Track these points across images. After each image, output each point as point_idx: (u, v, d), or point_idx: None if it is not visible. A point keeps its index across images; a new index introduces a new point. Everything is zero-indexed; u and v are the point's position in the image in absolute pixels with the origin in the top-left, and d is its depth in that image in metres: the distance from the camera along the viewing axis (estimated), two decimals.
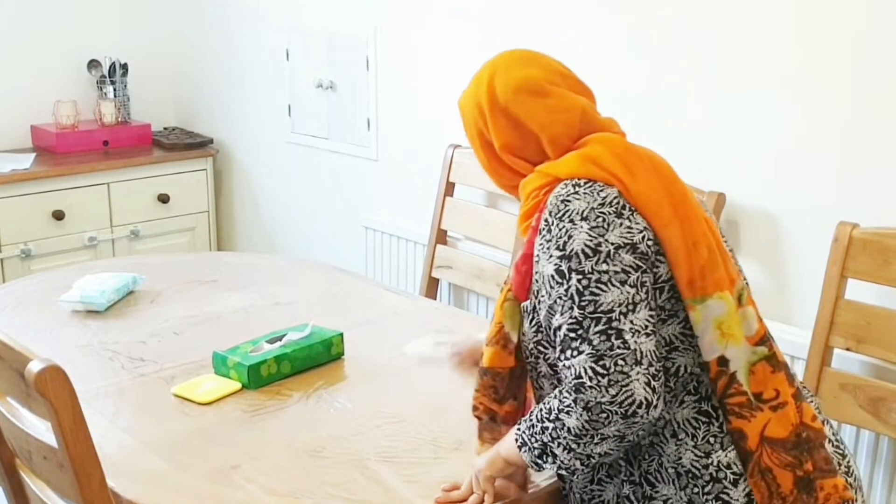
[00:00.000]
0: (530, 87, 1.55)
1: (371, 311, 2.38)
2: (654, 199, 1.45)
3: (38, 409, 1.43)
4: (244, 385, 1.92)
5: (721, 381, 1.45)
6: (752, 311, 1.50)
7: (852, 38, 2.14)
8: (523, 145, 1.56)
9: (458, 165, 2.96)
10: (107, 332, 2.23)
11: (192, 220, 3.95)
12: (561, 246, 1.42)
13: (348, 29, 3.32)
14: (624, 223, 1.42)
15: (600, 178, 1.46)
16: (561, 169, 1.50)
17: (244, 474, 1.62)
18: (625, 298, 1.39)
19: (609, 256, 1.40)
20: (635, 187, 1.45)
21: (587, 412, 1.37)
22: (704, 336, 1.45)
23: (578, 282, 1.40)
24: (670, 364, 1.46)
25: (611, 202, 1.44)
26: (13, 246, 3.50)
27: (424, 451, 1.70)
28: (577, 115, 1.54)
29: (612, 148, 1.50)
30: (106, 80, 3.87)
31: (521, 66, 1.59)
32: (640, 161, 1.49)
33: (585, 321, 1.39)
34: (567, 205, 1.44)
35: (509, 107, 1.55)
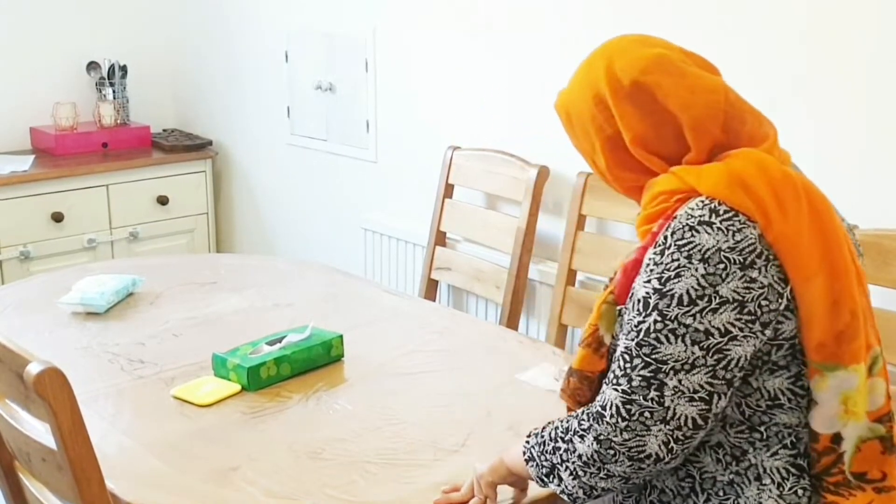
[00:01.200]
0: (662, 65, 1.37)
1: (370, 312, 2.37)
2: (802, 246, 1.28)
3: (38, 410, 1.43)
4: (244, 387, 1.92)
5: (826, 459, 1.33)
6: (882, 383, 1.34)
7: (856, 41, 2.14)
8: (658, 135, 1.37)
9: (457, 167, 2.96)
10: (106, 333, 2.22)
11: (192, 222, 3.94)
12: (663, 280, 1.29)
13: (347, 31, 3.32)
14: (747, 275, 1.26)
15: (744, 208, 1.27)
16: (703, 181, 1.31)
17: (244, 476, 1.62)
18: (686, 357, 1.27)
19: (703, 312, 1.26)
20: (783, 229, 1.27)
21: (597, 443, 1.33)
22: (825, 407, 1.31)
23: (654, 322, 1.29)
24: (768, 419, 1.34)
25: (743, 248, 1.26)
26: (12, 248, 3.50)
27: (424, 454, 1.70)
28: (721, 97, 1.36)
29: (766, 172, 1.31)
30: (105, 82, 3.87)
31: (643, 46, 1.40)
32: (796, 195, 1.30)
33: (636, 359, 1.30)
34: (694, 236, 1.28)
35: (640, 89, 1.36)
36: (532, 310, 2.86)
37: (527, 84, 2.81)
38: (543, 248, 2.83)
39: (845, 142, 2.19)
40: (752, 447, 1.35)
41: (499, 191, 2.86)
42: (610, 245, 2.59)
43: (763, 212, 1.28)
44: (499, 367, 2.06)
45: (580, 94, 1.44)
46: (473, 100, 2.97)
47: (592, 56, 1.46)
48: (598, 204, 2.59)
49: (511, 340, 2.21)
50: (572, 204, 2.65)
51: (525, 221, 2.72)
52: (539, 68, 2.76)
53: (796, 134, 2.27)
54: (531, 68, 2.79)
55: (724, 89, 1.38)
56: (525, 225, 2.72)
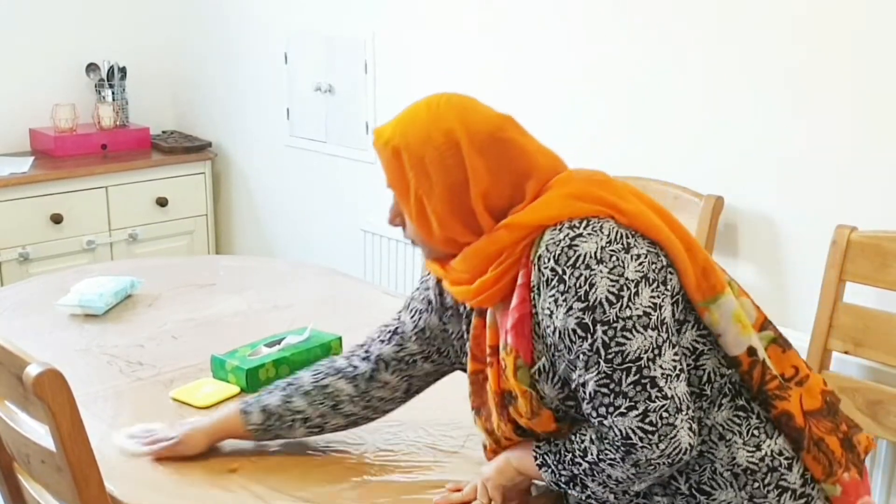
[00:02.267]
0: (515, 127, 1.48)
1: (369, 314, 2.36)
2: (643, 218, 1.42)
3: (37, 412, 1.43)
4: (243, 389, 1.92)
5: (756, 371, 1.44)
6: (746, 300, 1.50)
7: (853, 42, 2.14)
8: (500, 192, 1.44)
9: None
10: (105, 335, 2.22)
11: (191, 224, 3.94)
12: (582, 296, 1.35)
13: (347, 32, 3.32)
14: (633, 255, 1.37)
15: (591, 212, 1.40)
16: (540, 215, 1.41)
17: (243, 478, 1.62)
18: (649, 343, 1.34)
19: (631, 299, 1.35)
20: (627, 209, 1.41)
21: (635, 468, 1.36)
22: (728, 333, 1.43)
23: (604, 333, 1.34)
24: (701, 372, 1.43)
25: (615, 237, 1.38)
26: (11, 249, 3.50)
27: (423, 455, 1.70)
28: (559, 160, 1.50)
29: (585, 180, 1.46)
30: (104, 84, 3.87)
31: (485, 108, 1.50)
32: (615, 187, 1.46)
33: (615, 374, 1.34)
34: (576, 249, 1.36)
35: (495, 146, 1.43)
36: None
37: (525, 86, 2.81)
38: None
39: (843, 144, 2.19)
40: (703, 413, 1.43)
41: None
42: None
43: (608, 206, 1.41)
44: None
45: (423, 133, 1.45)
46: None
47: (430, 104, 1.49)
48: None
49: None
50: None
51: None
52: (537, 70, 2.77)
53: (793, 136, 2.27)
54: (530, 70, 2.79)
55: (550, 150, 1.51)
56: None
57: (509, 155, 1.44)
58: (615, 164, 2.58)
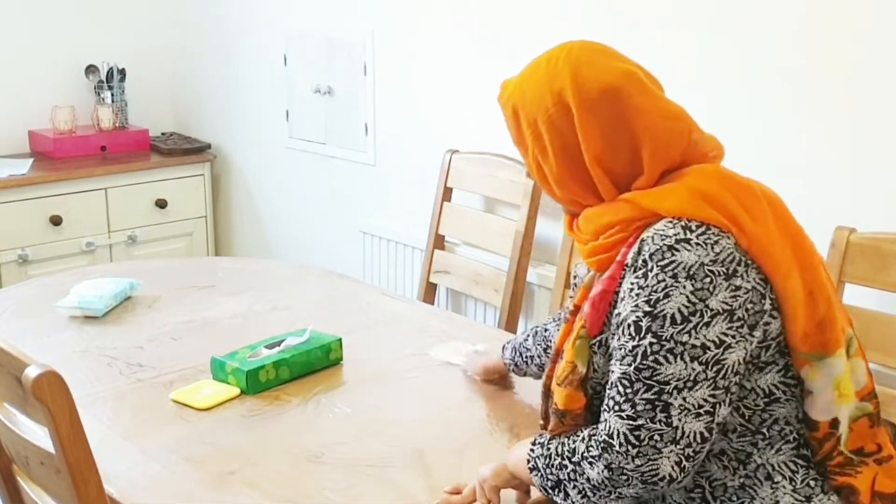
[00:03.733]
0: (632, 82, 1.36)
1: (369, 316, 2.37)
2: (775, 245, 1.31)
3: (36, 414, 1.43)
4: (242, 390, 1.92)
5: (828, 444, 1.35)
6: (861, 363, 1.39)
7: (852, 43, 2.14)
8: (613, 153, 1.36)
9: (456, 170, 2.96)
10: (104, 337, 2.22)
11: (190, 226, 3.94)
12: (652, 302, 1.29)
13: (346, 34, 3.32)
14: (732, 284, 1.28)
15: (714, 221, 1.30)
16: (664, 203, 1.32)
17: (243, 480, 1.62)
18: (687, 374, 1.27)
19: (697, 327, 1.27)
20: (754, 233, 1.30)
21: (608, 470, 1.32)
22: (821, 396, 1.33)
23: (650, 345, 1.29)
24: (767, 415, 1.35)
25: (724, 259, 1.28)
26: (10, 251, 3.49)
27: (423, 457, 1.69)
28: (686, 127, 1.38)
29: (725, 183, 1.34)
30: (103, 86, 3.87)
31: (610, 59, 1.39)
32: (757, 199, 1.34)
33: (637, 384, 1.30)
34: (675, 254, 1.28)
35: (608, 103, 1.34)
36: (531, 313, 2.86)
37: None
38: (542, 252, 2.83)
39: (842, 145, 2.19)
40: (755, 448, 1.36)
41: (497, 194, 2.86)
42: None
43: (732, 220, 1.31)
44: None
45: (537, 94, 1.40)
46: (472, 103, 2.97)
47: (551, 58, 1.42)
48: None
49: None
50: None
51: (524, 225, 2.72)
52: None
53: (792, 138, 2.27)
54: None
55: (689, 120, 1.40)
56: (524, 228, 2.72)
57: (622, 115, 1.35)
58: None
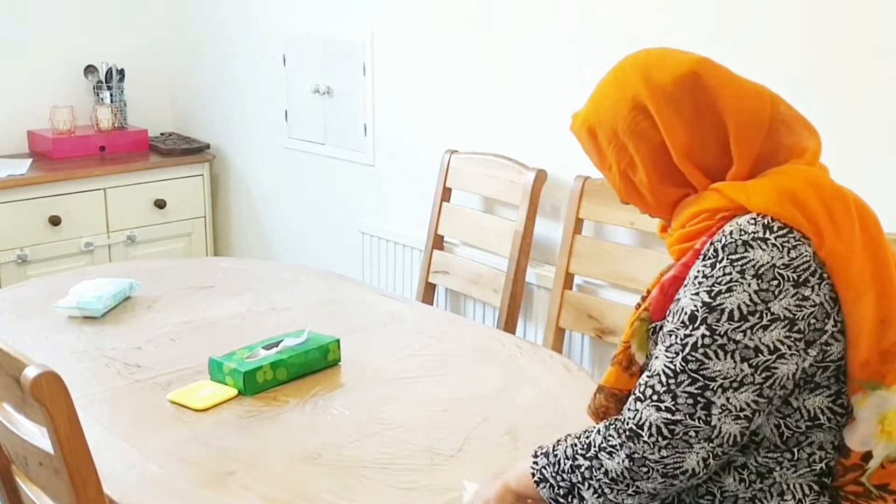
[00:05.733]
0: (706, 66, 1.34)
1: (368, 316, 2.37)
2: (854, 263, 1.25)
3: (34, 415, 1.43)
4: (240, 391, 1.92)
5: (852, 475, 1.32)
6: None
7: (851, 44, 2.14)
8: (702, 143, 1.33)
9: (455, 171, 2.96)
10: (103, 338, 2.22)
11: (189, 226, 3.94)
12: (713, 294, 1.25)
13: (345, 35, 3.32)
14: (800, 293, 1.24)
15: (797, 224, 1.25)
16: (752, 197, 1.28)
17: (240, 481, 1.62)
18: (734, 374, 1.24)
19: (753, 329, 1.23)
20: (835, 246, 1.25)
21: (629, 460, 1.29)
22: (863, 425, 1.29)
23: (703, 336, 1.25)
24: (804, 438, 1.32)
25: (798, 266, 1.24)
26: (9, 251, 3.49)
27: (421, 458, 1.69)
28: (766, 102, 1.34)
29: (817, 187, 1.28)
30: (102, 86, 3.87)
31: (676, 53, 1.37)
32: (848, 211, 1.28)
33: (681, 375, 1.26)
34: (749, 251, 1.24)
35: (685, 91, 1.32)
36: (530, 313, 2.86)
37: (524, 87, 2.81)
38: (541, 252, 2.83)
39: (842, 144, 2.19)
40: (779, 466, 1.33)
41: (496, 194, 2.86)
42: (607, 249, 2.60)
43: (816, 228, 1.25)
44: (496, 371, 2.06)
45: (612, 107, 1.39)
46: (471, 103, 2.98)
47: (618, 71, 1.42)
48: (595, 208, 2.59)
49: (509, 344, 2.21)
50: (570, 207, 2.65)
51: (522, 225, 2.72)
52: (537, 72, 2.77)
53: None
54: (529, 72, 2.79)
55: (770, 95, 1.35)
56: (522, 229, 2.72)
57: (701, 101, 1.33)
58: None
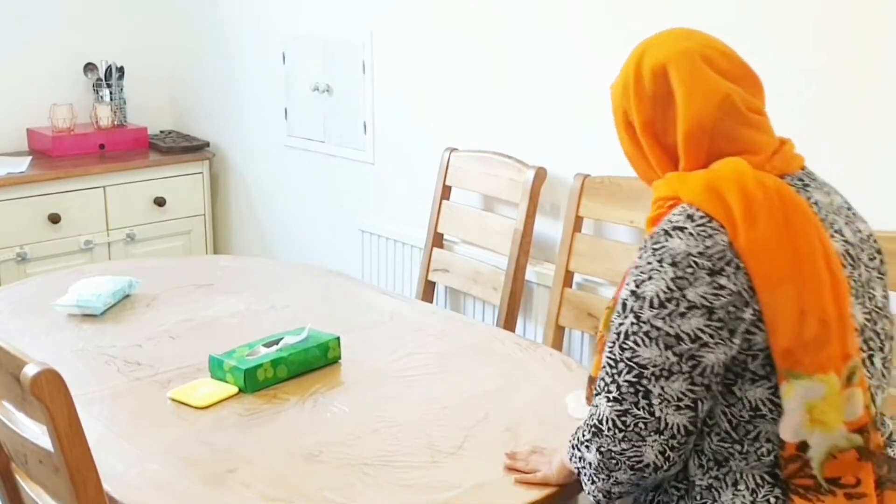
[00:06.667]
0: (676, 61, 1.42)
1: (367, 314, 2.37)
2: (768, 253, 1.30)
3: (34, 413, 1.43)
4: (241, 389, 1.92)
5: (793, 466, 1.34)
6: (860, 394, 1.33)
7: (850, 43, 2.14)
8: (664, 128, 1.43)
9: (455, 169, 2.96)
10: (103, 336, 2.22)
11: (189, 224, 3.94)
12: (638, 282, 1.34)
13: (344, 33, 3.32)
14: (716, 281, 1.29)
15: (716, 215, 1.32)
16: (685, 188, 1.37)
17: (241, 479, 1.62)
18: (661, 362, 1.31)
19: (671, 315, 1.30)
20: (749, 235, 1.30)
21: (599, 454, 1.39)
22: (791, 416, 1.32)
23: (631, 324, 1.34)
24: (751, 427, 1.35)
25: (712, 254, 1.30)
26: (9, 249, 3.49)
27: (421, 456, 1.69)
28: (716, 100, 1.39)
29: (741, 179, 1.34)
30: (102, 84, 3.87)
31: (675, 40, 1.47)
32: (769, 203, 1.33)
33: (620, 364, 1.35)
34: (668, 240, 1.33)
35: (651, 80, 1.43)
36: (529, 312, 2.86)
37: (524, 85, 2.81)
38: (541, 250, 2.83)
39: (841, 144, 2.19)
40: (732, 457, 1.38)
41: (496, 192, 2.86)
42: (607, 247, 2.59)
43: (732, 219, 1.31)
44: (496, 369, 2.06)
45: (619, 81, 1.50)
46: (471, 101, 2.97)
47: (636, 48, 1.52)
48: (595, 206, 2.59)
49: (508, 342, 2.21)
50: (569, 206, 2.65)
51: (522, 223, 2.72)
52: (536, 69, 2.76)
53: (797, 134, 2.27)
54: (529, 70, 2.79)
55: (723, 93, 1.40)
56: (522, 227, 2.72)
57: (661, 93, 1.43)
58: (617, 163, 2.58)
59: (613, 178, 2.54)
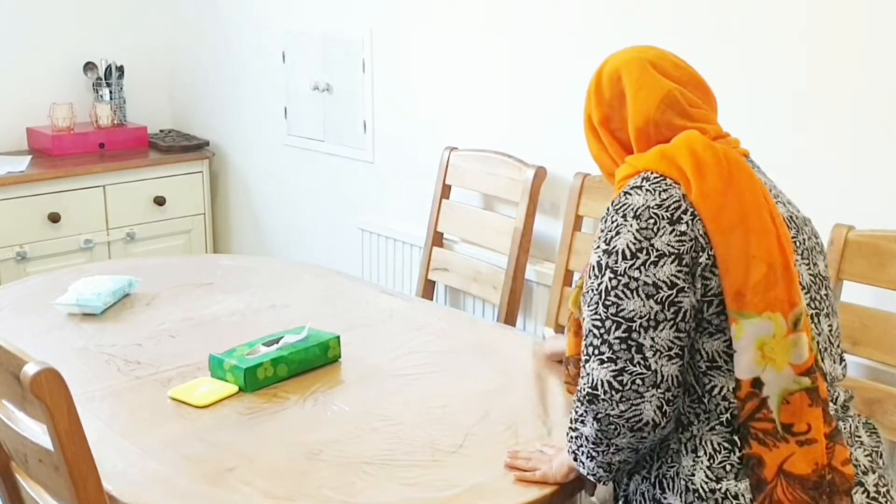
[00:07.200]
0: (628, 66, 1.58)
1: (367, 313, 2.37)
2: (717, 202, 1.42)
3: (34, 412, 1.43)
4: (241, 388, 1.92)
5: (750, 404, 1.40)
6: (804, 338, 1.41)
7: (850, 42, 2.14)
8: (619, 124, 1.59)
9: (454, 168, 2.96)
10: (103, 335, 2.22)
11: (188, 223, 3.94)
12: (607, 240, 1.43)
13: (344, 32, 3.32)
14: (676, 229, 1.40)
15: (669, 174, 1.45)
16: (641, 161, 1.51)
17: (241, 477, 1.62)
18: (646, 312, 1.38)
19: (645, 265, 1.39)
20: (700, 187, 1.42)
21: (597, 422, 1.42)
22: (743, 354, 1.39)
23: (609, 280, 1.41)
24: (707, 381, 1.42)
25: (669, 204, 1.42)
26: (9, 248, 3.49)
27: (422, 454, 1.70)
28: (658, 96, 1.54)
29: (691, 144, 1.48)
30: (102, 83, 3.86)
31: (630, 52, 1.63)
32: (717, 161, 1.46)
33: (607, 321, 1.40)
34: (627, 198, 1.45)
35: (608, 83, 1.60)
36: (529, 310, 2.86)
37: (524, 84, 2.81)
38: (540, 249, 2.83)
39: (841, 143, 2.19)
40: (696, 419, 1.44)
41: (496, 191, 2.86)
42: None
43: (684, 176, 1.44)
44: (497, 367, 2.06)
45: (587, 92, 1.67)
46: (470, 100, 2.97)
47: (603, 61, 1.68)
48: (594, 205, 2.59)
49: (509, 341, 2.21)
50: (569, 205, 2.65)
51: (522, 222, 2.72)
52: (536, 68, 2.76)
53: (791, 136, 2.27)
54: (528, 68, 2.79)
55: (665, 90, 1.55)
56: (522, 226, 2.72)
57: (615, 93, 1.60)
58: None
59: None
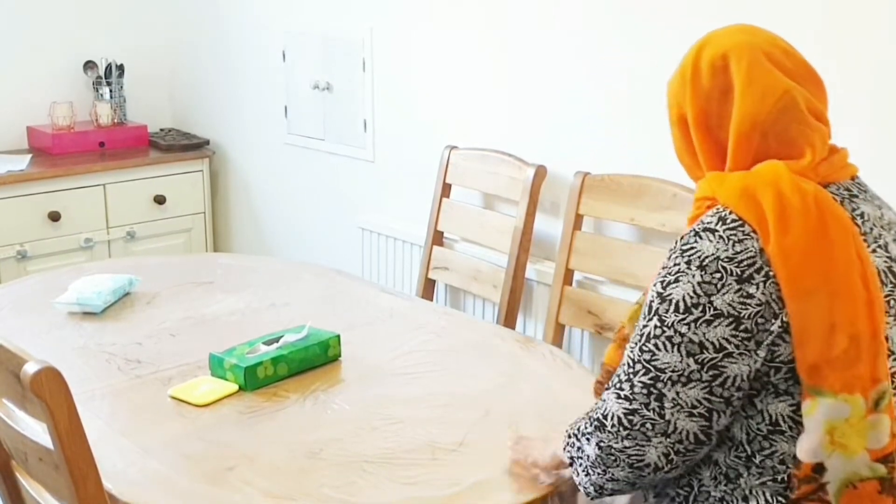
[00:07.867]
0: (738, 54, 1.36)
1: (367, 312, 2.37)
2: (799, 261, 1.24)
3: (34, 410, 1.43)
4: (241, 387, 1.92)
5: (806, 487, 1.29)
6: (887, 421, 1.27)
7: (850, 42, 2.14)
8: (718, 122, 1.37)
9: (455, 167, 2.96)
10: (103, 333, 2.22)
11: (189, 222, 3.94)
12: (665, 284, 1.31)
13: (344, 31, 3.31)
14: (744, 290, 1.25)
15: (749, 218, 1.27)
16: (722, 189, 1.33)
17: (241, 476, 1.62)
18: (681, 368, 1.28)
19: (697, 322, 1.26)
20: (781, 242, 1.25)
21: (599, 449, 1.37)
22: (810, 435, 1.26)
23: (655, 327, 1.31)
24: (767, 444, 1.31)
25: (742, 259, 1.26)
26: (9, 247, 3.49)
27: (422, 453, 1.69)
28: (774, 98, 1.34)
29: (779, 184, 1.29)
30: (102, 82, 3.86)
31: (735, 34, 1.41)
32: (805, 211, 1.27)
33: (637, 364, 1.32)
34: (697, 241, 1.30)
35: (709, 71, 1.38)
36: (529, 309, 2.86)
37: (524, 83, 2.81)
38: (541, 248, 2.83)
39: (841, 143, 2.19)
40: (746, 471, 1.34)
41: (496, 190, 2.86)
42: (607, 245, 2.59)
43: (765, 223, 1.26)
44: (496, 366, 2.06)
45: (676, 75, 1.45)
46: (471, 99, 2.97)
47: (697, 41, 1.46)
48: (595, 204, 2.59)
49: (509, 340, 2.21)
50: (569, 204, 2.65)
51: (522, 221, 2.72)
52: (536, 67, 2.76)
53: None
54: (529, 67, 2.79)
55: (783, 90, 1.35)
56: (522, 225, 2.72)
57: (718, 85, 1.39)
58: (618, 161, 2.58)
59: (613, 175, 2.54)
